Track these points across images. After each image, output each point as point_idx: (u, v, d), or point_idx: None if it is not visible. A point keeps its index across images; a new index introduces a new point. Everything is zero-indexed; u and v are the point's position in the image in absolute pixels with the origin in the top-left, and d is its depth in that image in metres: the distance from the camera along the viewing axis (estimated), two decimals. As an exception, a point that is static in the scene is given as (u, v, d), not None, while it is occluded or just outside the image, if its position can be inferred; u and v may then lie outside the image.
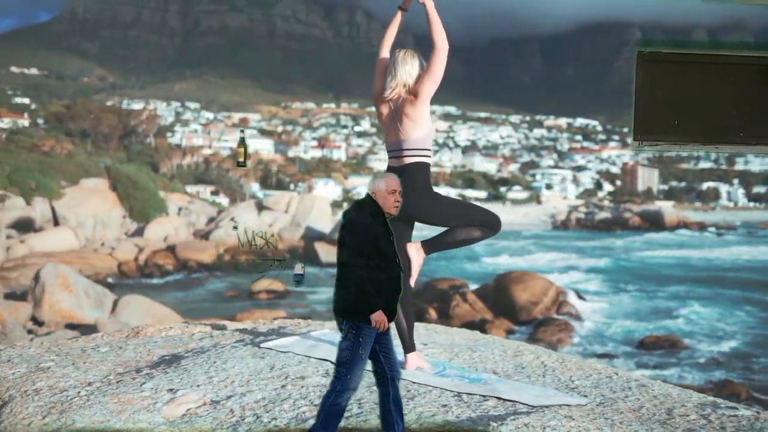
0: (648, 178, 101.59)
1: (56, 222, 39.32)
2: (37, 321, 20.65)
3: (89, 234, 39.52)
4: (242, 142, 4.15)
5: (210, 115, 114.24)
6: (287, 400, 3.75)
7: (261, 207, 48.56)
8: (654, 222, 69.95)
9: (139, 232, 40.98)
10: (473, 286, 26.05)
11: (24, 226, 37.52)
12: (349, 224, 3.14)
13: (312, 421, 3.53)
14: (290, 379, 4.06)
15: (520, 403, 3.81)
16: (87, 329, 16.82)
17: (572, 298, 25.59)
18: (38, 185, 40.18)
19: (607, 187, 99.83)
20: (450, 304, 23.18)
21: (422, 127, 4.32)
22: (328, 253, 39.14)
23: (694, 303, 27.12)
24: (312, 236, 42.09)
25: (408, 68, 4.37)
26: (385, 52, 4.54)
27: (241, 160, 4.17)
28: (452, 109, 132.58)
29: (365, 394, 3.86)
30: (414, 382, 4.08)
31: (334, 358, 4.46)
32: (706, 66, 3.08)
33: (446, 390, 3.93)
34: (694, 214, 78.97)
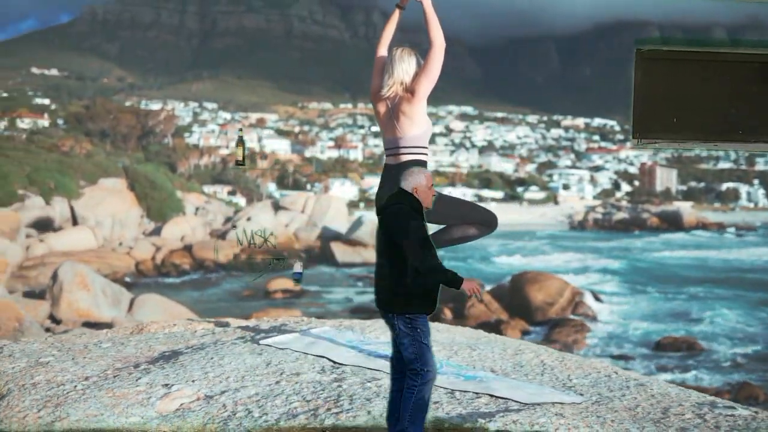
0: (666, 179, 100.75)
1: (75, 221, 39.74)
2: (55, 319, 20.91)
3: (107, 233, 39.91)
4: (240, 141, 4.17)
5: (227, 116, 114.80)
6: (280, 396, 3.78)
7: (277, 207, 48.71)
8: (672, 223, 69.37)
9: (156, 232, 41.31)
10: (489, 287, 26.02)
11: (43, 225, 37.96)
12: (400, 218, 3.15)
13: (302, 416, 3.56)
14: (285, 375, 4.09)
15: (512, 400, 3.82)
16: (104, 328, 16.94)
17: (588, 299, 25.47)
18: (57, 185, 40.61)
19: (625, 187, 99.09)
20: (465, 304, 23.18)
21: (419, 125, 4.33)
22: (344, 253, 39.22)
23: (713, 304, 26.89)
24: (328, 236, 42.18)
25: (405, 66, 4.37)
26: (382, 50, 4.55)
27: (240, 160, 4.19)
28: (469, 109, 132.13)
29: (358, 390, 3.88)
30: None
31: (331, 356, 4.50)
32: (705, 64, 3.08)
33: (440, 387, 3.94)
34: (713, 215, 78.20)
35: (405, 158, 4.33)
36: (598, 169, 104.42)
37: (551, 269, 31.27)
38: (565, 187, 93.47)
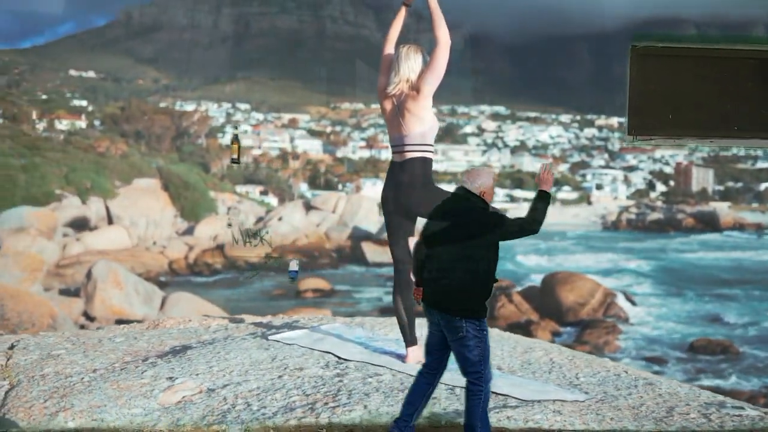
0: (702, 179, 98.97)
1: (110, 221, 40.45)
2: (89, 317, 21.32)
3: (142, 233, 40.55)
4: (235, 139, 4.21)
5: (260, 116, 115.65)
6: (280, 390, 3.82)
7: (309, 207, 48.96)
8: (708, 223, 68.10)
9: (189, 231, 41.85)
10: (518, 288, 25.89)
11: (80, 224, 38.70)
12: (487, 217, 3.15)
13: (299, 410, 3.59)
14: (288, 369, 4.13)
15: (512, 397, 3.81)
16: (135, 325, 17.19)
17: (621, 300, 25.16)
18: (93, 185, 41.37)
19: (660, 187, 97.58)
20: (495, 305, 23.05)
21: (424, 122, 4.34)
22: (374, 252, 39.32)
23: (750, 307, 26.42)
24: (359, 236, 42.31)
25: (411, 64, 4.39)
26: (389, 48, 4.58)
27: (234, 157, 4.23)
28: (501, 109, 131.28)
29: (358, 385, 3.91)
30: (412, 375, 4.11)
31: (337, 352, 4.53)
32: (701, 60, 3.07)
33: (441, 383, 3.94)
34: (751, 216, 76.58)
35: (410, 155, 4.36)
36: (632, 168, 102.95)
37: (583, 270, 30.95)
38: (599, 187, 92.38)
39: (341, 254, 40.52)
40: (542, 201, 3.15)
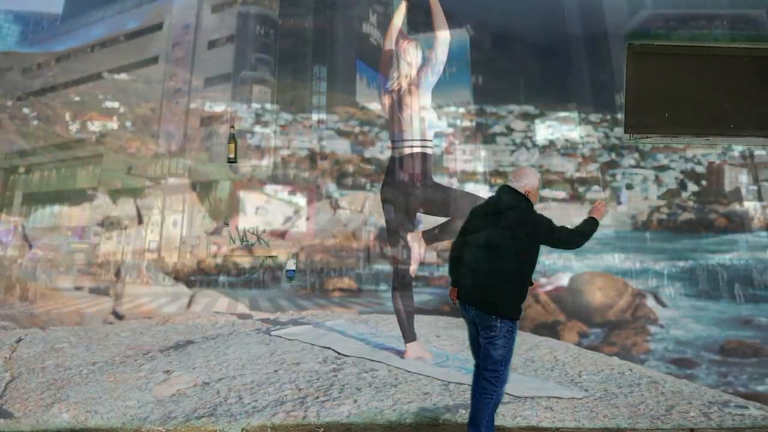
0: (735, 178, 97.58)
1: (140, 220, 41.02)
2: (118, 315, 21.68)
3: (171, 232, 41.08)
4: (232, 138, 4.22)
5: (288, 117, 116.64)
6: (274, 384, 3.84)
7: (336, 206, 49.12)
8: (741, 223, 67.07)
9: (217, 231, 42.26)
10: (544, 288, 25.70)
11: (110, 224, 39.30)
12: (537, 217, 3.13)
13: (289, 404, 3.60)
14: (285, 364, 4.15)
15: (506, 393, 3.77)
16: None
17: (650, 301, 24.88)
18: (124, 185, 42.00)
19: (692, 187, 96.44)
20: (523, 305, 22.94)
21: (423, 118, 4.34)
22: (401, 252, 39.35)
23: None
24: (386, 236, 42.38)
25: (410, 60, 4.39)
26: (389, 44, 4.58)
27: (231, 156, 4.23)
28: (530, 108, 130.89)
29: (352, 380, 3.91)
30: (408, 371, 4.11)
31: (337, 347, 4.55)
32: (697, 58, 3.02)
33: (436, 379, 3.94)
34: (786, 216, 75.16)
35: (409, 151, 4.36)
36: (663, 168, 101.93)
37: (611, 270, 30.60)
38: (629, 186, 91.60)
39: (368, 254, 40.64)
40: (591, 225, 3.16)
